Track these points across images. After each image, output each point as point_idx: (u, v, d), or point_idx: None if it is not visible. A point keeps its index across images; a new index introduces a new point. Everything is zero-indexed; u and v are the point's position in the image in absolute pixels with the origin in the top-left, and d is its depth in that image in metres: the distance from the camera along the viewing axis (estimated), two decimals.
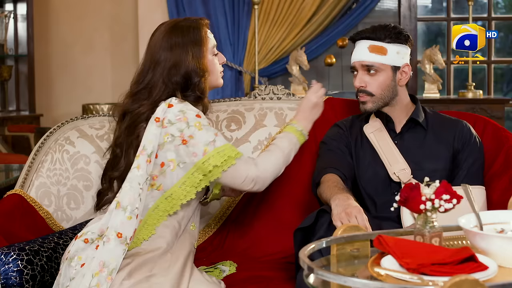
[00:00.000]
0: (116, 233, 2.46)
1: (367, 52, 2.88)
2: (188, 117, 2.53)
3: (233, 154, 2.54)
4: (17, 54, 7.08)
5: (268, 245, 3.16)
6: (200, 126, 2.52)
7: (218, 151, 2.51)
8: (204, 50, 2.62)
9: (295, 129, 2.74)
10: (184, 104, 2.56)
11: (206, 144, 2.51)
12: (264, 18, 6.21)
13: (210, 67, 2.66)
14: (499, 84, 6.82)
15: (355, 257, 2.03)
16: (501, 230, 1.95)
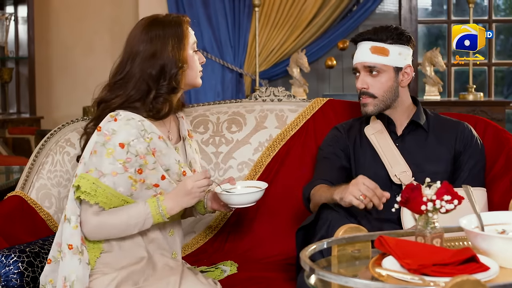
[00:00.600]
0: (67, 245, 2.44)
1: (369, 53, 2.87)
2: (111, 139, 2.43)
3: (99, 198, 2.40)
4: (18, 56, 7.08)
5: (269, 247, 3.16)
6: (109, 155, 2.40)
7: (96, 182, 2.40)
8: (185, 43, 2.57)
9: (155, 207, 2.46)
10: (126, 123, 2.45)
11: (96, 168, 2.41)
12: (265, 21, 6.21)
13: (190, 62, 2.61)
14: (500, 87, 6.82)
15: (356, 258, 2.03)
16: (502, 231, 1.95)
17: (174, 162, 2.54)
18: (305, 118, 3.34)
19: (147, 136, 2.46)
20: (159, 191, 2.51)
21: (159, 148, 2.50)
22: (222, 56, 6.27)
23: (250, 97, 3.48)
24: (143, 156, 2.44)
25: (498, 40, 6.77)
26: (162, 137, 2.51)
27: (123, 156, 2.41)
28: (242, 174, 3.28)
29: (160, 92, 2.54)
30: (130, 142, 2.42)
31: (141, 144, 2.44)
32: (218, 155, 3.31)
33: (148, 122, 2.49)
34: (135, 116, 2.47)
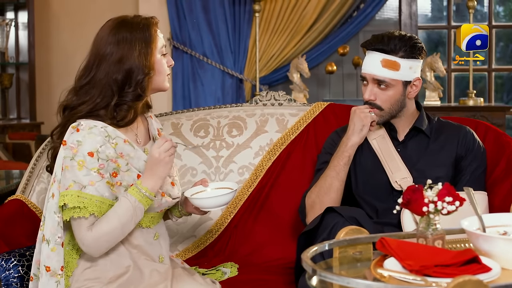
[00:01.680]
0: (45, 267, 2.42)
1: (380, 67, 2.82)
2: (79, 150, 2.39)
3: (91, 208, 2.37)
4: (18, 62, 7.08)
5: (270, 251, 3.16)
6: (81, 166, 2.38)
7: (80, 194, 2.37)
8: (153, 48, 2.51)
9: (137, 192, 2.43)
10: (89, 131, 2.42)
11: (74, 181, 2.37)
12: (265, 26, 6.21)
13: (157, 66, 2.55)
14: (500, 94, 6.82)
15: (358, 259, 2.03)
16: (504, 233, 1.95)
17: (143, 164, 2.51)
18: (306, 122, 3.35)
19: (112, 142, 2.45)
20: None
21: (126, 152, 2.48)
22: (222, 61, 6.27)
23: (250, 101, 3.48)
24: (114, 160, 2.44)
25: (498, 47, 6.77)
26: (127, 140, 2.50)
27: (95, 164, 2.39)
28: (243, 178, 3.29)
29: (125, 100, 2.50)
30: (98, 149, 2.40)
31: (109, 149, 2.43)
32: (218, 159, 3.32)
33: (110, 128, 2.46)
34: (97, 123, 2.45)
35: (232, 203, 3.25)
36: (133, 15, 2.60)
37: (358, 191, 2.95)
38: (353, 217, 2.60)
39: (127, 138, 2.50)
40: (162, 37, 2.58)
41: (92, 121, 2.45)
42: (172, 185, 2.61)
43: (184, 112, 3.46)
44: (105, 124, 2.46)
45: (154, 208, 2.54)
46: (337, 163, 2.86)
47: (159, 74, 2.56)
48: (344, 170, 2.86)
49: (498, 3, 6.73)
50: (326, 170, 2.88)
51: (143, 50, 2.49)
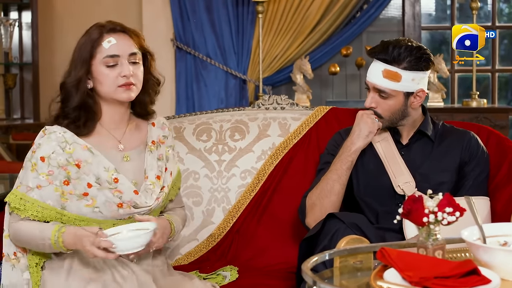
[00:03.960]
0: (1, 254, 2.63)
1: (381, 77, 2.82)
2: (36, 152, 2.51)
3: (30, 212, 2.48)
4: (22, 62, 7.08)
5: (272, 256, 3.16)
6: (33, 169, 2.48)
7: (23, 197, 2.48)
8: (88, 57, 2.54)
9: (54, 235, 2.44)
10: (47, 136, 2.53)
11: (20, 182, 2.52)
12: (268, 27, 6.21)
13: (98, 77, 2.55)
14: (504, 92, 6.82)
15: (358, 269, 2.03)
16: (504, 243, 1.95)
17: (102, 170, 2.53)
18: (308, 126, 3.35)
19: (68, 147, 2.51)
20: (91, 201, 2.52)
21: (84, 158, 2.52)
22: (226, 62, 6.27)
23: (253, 105, 3.49)
24: (64, 167, 2.49)
25: (502, 45, 6.77)
26: (87, 147, 2.54)
27: (44, 170, 2.47)
28: (245, 182, 3.29)
29: (65, 111, 2.56)
30: (50, 155, 2.48)
31: (61, 156, 2.49)
32: (221, 163, 3.32)
33: (69, 134, 2.53)
34: (58, 128, 2.54)
35: (234, 208, 3.25)
36: (107, 21, 2.63)
37: (359, 193, 2.96)
38: (355, 224, 2.60)
39: (88, 144, 2.55)
40: (112, 47, 2.55)
41: (55, 126, 2.54)
42: (135, 193, 2.57)
43: (187, 116, 3.47)
44: (65, 130, 2.54)
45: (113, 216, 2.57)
46: (339, 166, 2.86)
47: (101, 84, 2.56)
48: (346, 174, 2.86)
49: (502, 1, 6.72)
50: (328, 172, 2.88)
51: (80, 57, 2.56)
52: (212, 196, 3.29)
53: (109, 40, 2.55)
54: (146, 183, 2.63)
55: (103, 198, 2.52)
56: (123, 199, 2.54)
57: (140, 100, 2.69)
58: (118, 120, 2.66)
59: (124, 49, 2.57)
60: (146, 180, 2.64)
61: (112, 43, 2.55)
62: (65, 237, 2.43)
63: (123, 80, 2.55)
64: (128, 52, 2.57)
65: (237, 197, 3.28)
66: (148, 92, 2.70)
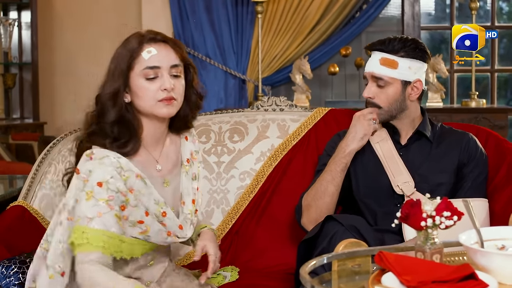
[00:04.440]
0: None
1: (378, 65, 2.86)
2: (89, 180, 2.28)
3: (95, 244, 2.24)
4: (21, 62, 7.10)
5: (270, 257, 3.16)
6: (90, 197, 2.25)
7: (85, 230, 2.24)
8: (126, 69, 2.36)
9: None
10: (101, 161, 2.30)
11: (81, 217, 2.26)
12: (268, 27, 6.21)
13: (136, 91, 2.38)
14: (503, 91, 6.82)
15: (356, 272, 2.03)
16: (502, 247, 1.95)
17: (152, 203, 2.39)
18: (307, 128, 3.35)
19: (124, 174, 2.31)
20: (145, 228, 2.38)
21: (137, 188, 2.35)
22: (225, 62, 6.28)
23: (252, 107, 3.49)
24: (124, 193, 2.31)
25: (502, 43, 6.77)
26: (140, 175, 2.36)
27: (104, 195, 2.27)
28: (244, 184, 3.29)
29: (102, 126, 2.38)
30: (108, 180, 2.28)
31: (119, 182, 2.30)
32: (220, 165, 3.32)
33: (124, 160, 2.34)
34: (110, 153, 2.33)
35: (233, 209, 3.26)
36: (147, 30, 2.45)
37: (359, 194, 2.96)
38: (353, 226, 2.60)
39: (140, 172, 2.36)
40: (151, 57, 2.38)
41: (105, 150, 2.33)
42: (179, 228, 2.48)
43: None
44: (119, 155, 2.33)
45: (160, 242, 2.46)
46: (333, 168, 2.87)
47: (139, 98, 2.39)
48: (340, 176, 2.86)
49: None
50: (323, 173, 2.90)
51: (117, 68, 2.37)
52: (211, 197, 3.29)
53: (149, 50, 2.37)
54: (184, 211, 2.51)
55: (156, 228, 2.39)
56: (168, 229, 2.45)
57: (181, 117, 2.51)
58: (158, 137, 2.49)
59: (165, 60, 2.39)
60: (183, 207, 2.52)
61: (152, 53, 2.37)
62: None
63: (164, 94, 2.37)
64: (169, 64, 2.40)
65: (236, 199, 3.28)
66: (190, 107, 2.52)
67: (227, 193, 3.29)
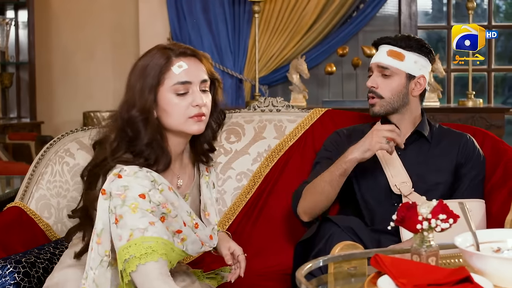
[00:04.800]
0: None
1: (385, 56, 2.91)
2: (127, 195, 2.17)
3: (160, 251, 2.16)
4: (18, 61, 7.09)
5: (267, 258, 3.16)
6: (135, 209, 2.15)
7: (143, 240, 2.14)
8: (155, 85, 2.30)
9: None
10: (135, 176, 2.20)
11: (133, 229, 2.15)
12: (265, 27, 6.22)
13: (165, 107, 2.32)
14: (500, 88, 6.82)
15: (352, 275, 2.03)
16: (497, 249, 1.96)
17: (186, 215, 2.34)
18: (304, 129, 3.35)
19: (158, 187, 2.24)
20: (181, 237, 2.32)
21: (170, 200, 2.27)
22: (222, 61, 6.28)
23: (249, 107, 3.49)
24: (164, 205, 2.23)
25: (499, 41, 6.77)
26: (171, 188, 2.29)
27: (148, 206, 2.17)
28: (241, 184, 3.29)
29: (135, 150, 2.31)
30: (147, 192, 2.19)
31: (157, 194, 2.22)
32: (217, 166, 3.31)
33: (155, 173, 2.27)
34: (142, 168, 2.25)
35: (230, 210, 3.26)
36: (173, 43, 2.40)
37: (360, 193, 2.97)
38: (350, 227, 2.61)
39: (170, 185, 2.30)
40: (181, 72, 2.32)
41: (134, 166, 2.26)
42: (210, 238, 2.48)
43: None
44: (149, 170, 2.26)
45: (193, 252, 2.44)
46: (333, 169, 2.84)
47: (168, 115, 2.33)
48: (339, 179, 2.82)
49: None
50: (325, 171, 2.85)
51: (146, 84, 2.30)
52: None
53: (180, 64, 2.32)
54: (211, 222, 2.49)
55: (193, 238, 2.36)
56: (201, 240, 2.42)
57: (205, 134, 2.46)
58: (179, 152, 2.44)
59: (195, 75, 2.34)
60: (208, 218, 2.49)
61: (183, 68, 2.32)
62: None
63: (195, 110, 2.33)
64: (200, 78, 2.35)
65: (232, 199, 3.28)
66: (211, 125, 2.48)
67: (224, 193, 3.29)
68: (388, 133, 2.71)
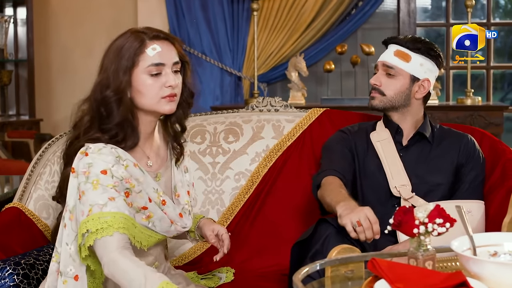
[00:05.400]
0: None
1: (392, 55, 2.94)
2: (91, 171, 2.26)
3: (116, 225, 2.21)
4: (17, 58, 7.08)
5: (266, 258, 3.17)
6: (96, 185, 2.23)
7: (101, 215, 2.21)
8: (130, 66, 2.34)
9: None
10: (99, 153, 2.29)
11: (92, 205, 2.22)
12: (263, 24, 6.21)
13: (140, 88, 2.36)
14: (499, 83, 6.82)
15: (349, 278, 2.04)
16: (494, 253, 1.96)
17: (152, 191, 2.39)
18: (302, 129, 3.36)
19: (123, 163, 2.31)
20: (148, 214, 2.38)
21: (135, 176, 2.34)
22: (221, 59, 6.28)
23: (247, 107, 3.49)
24: (127, 180, 2.31)
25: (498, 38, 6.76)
26: (137, 164, 2.36)
27: (110, 181, 2.26)
28: (239, 184, 3.30)
29: (104, 128, 2.37)
30: (110, 168, 2.27)
31: (121, 169, 2.30)
32: (215, 166, 3.33)
33: (120, 149, 2.34)
34: (105, 145, 2.33)
35: (228, 210, 3.27)
36: (145, 27, 2.44)
37: (361, 192, 2.98)
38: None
39: (136, 162, 2.37)
40: (155, 54, 2.37)
41: (100, 143, 2.33)
42: (179, 216, 2.49)
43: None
44: (114, 146, 2.33)
45: (163, 232, 2.46)
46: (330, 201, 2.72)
47: (142, 96, 2.38)
48: None
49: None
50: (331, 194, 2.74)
51: (120, 66, 2.35)
52: (206, 198, 3.30)
53: (154, 47, 2.37)
54: (181, 202, 2.52)
55: (160, 215, 2.40)
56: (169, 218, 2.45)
57: (176, 114, 2.51)
58: (150, 132, 2.49)
59: (169, 57, 2.40)
60: (178, 198, 2.52)
61: (157, 50, 2.37)
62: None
63: (168, 91, 2.39)
64: (172, 60, 2.41)
65: (231, 199, 3.29)
66: (182, 105, 2.51)
67: (222, 193, 3.30)
68: (363, 220, 2.48)
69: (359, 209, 2.50)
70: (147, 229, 2.39)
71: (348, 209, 2.52)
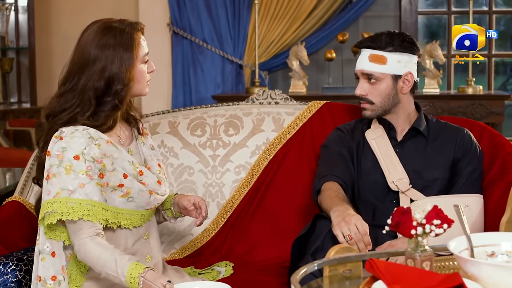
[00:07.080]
0: (37, 277, 2.44)
1: (367, 62, 2.90)
2: (64, 156, 2.39)
3: (81, 213, 2.35)
4: (18, 46, 7.09)
5: (266, 250, 3.18)
6: (69, 170, 2.37)
7: (68, 200, 2.36)
8: (135, 57, 2.49)
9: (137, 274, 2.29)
10: (71, 136, 2.41)
11: (62, 188, 2.37)
12: (265, 12, 6.20)
13: (138, 76, 2.54)
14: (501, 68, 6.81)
15: (348, 278, 2.05)
16: (491, 253, 1.96)
17: (128, 164, 2.51)
18: (302, 121, 3.36)
19: (95, 143, 2.43)
20: (126, 191, 2.49)
21: (110, 153, 2.47)
22: (222, 47, 6.27)
23: (247, 100, 3.50)
24: (100, 160, 2.42)
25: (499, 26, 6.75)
26: (110, 141, 2.49)
27: (82, 167, 2.38)
28: (240, 177, 3.31)
29: (103, 109, 2.50)
30: (83, 151, 2.39)
31: (94, 150, 2.42)
32: (215, 158, 3.33)
33: (92, 130, 2.45)
34: (78, 127, 2.44)
35: (229, 202, 3.28)
36: (119, 19, 2.57)
37: (358, 189, 2.97)
38: None
39: (109, 139, 2.50)
40: (145, 44, 2.58)
41: (73, 126, 2.44)
42: (158, 183, 2.60)
43: (181, 111, 3.48)
44: (87, 127, 2.45)
45: (143, 206, 2.55)
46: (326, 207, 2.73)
47: (138, 82, 2.55)
48: None
49: None
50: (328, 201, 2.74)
51: (125, 59, 2.48)
52: (206, 191, 3.30)
53: (143, 38, 2.57)
54: (154, 172, 2.64)
55: (137, 188, 2.51)
56: (148, 188, 2.56)
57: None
58: (119, 115, 2.62)
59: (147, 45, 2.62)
60: (150, 170, 2.63)
61: (145, 41, 2.59)
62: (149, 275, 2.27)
63: (149, 75, 2.62)
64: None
65: (231, 192, 3.30)
66: None
67: (222, 186, 3.31)
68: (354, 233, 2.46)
69: (348, 219, 2.48)
70: (125, 209, 2.51)
71: (339, 217, 2.52)
